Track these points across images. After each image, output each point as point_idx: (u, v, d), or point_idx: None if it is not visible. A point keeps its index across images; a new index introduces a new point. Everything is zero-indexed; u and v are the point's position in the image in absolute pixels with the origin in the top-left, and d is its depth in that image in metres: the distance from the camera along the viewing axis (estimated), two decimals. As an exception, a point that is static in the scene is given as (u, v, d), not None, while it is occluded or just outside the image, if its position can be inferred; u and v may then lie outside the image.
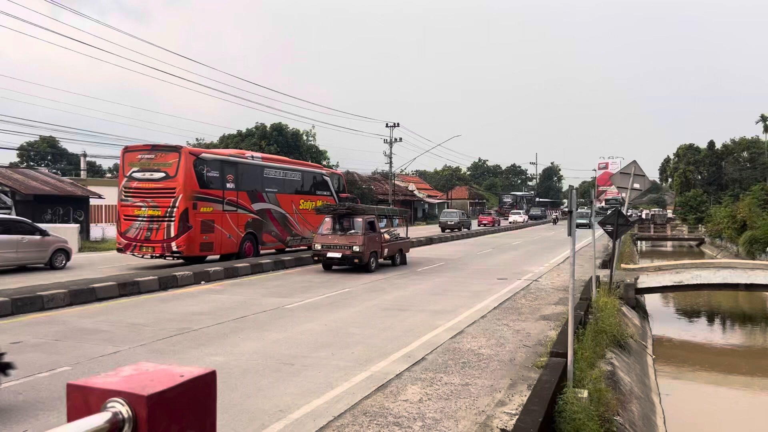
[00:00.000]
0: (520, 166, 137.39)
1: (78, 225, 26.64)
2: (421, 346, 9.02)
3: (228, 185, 19.60)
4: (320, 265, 19.26)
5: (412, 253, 26.29)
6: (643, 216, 76.25)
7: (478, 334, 9.98)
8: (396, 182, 61.80)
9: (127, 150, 18.91)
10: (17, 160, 62.18)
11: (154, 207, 17.89)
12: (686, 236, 60.79)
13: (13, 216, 21.66)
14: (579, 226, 45.79)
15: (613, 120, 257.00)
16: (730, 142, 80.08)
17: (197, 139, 71.23)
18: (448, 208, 71.41)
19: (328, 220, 19.45)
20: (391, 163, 54.76)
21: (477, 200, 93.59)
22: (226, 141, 51.55)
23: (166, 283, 14.70)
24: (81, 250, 25.09)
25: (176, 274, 15.37)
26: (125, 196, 18.40)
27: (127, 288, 13.67)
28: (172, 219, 17.72)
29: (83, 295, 12.58)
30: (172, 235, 17.69)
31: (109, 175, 68.59)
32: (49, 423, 5.68)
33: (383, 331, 10.09)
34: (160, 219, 17.81)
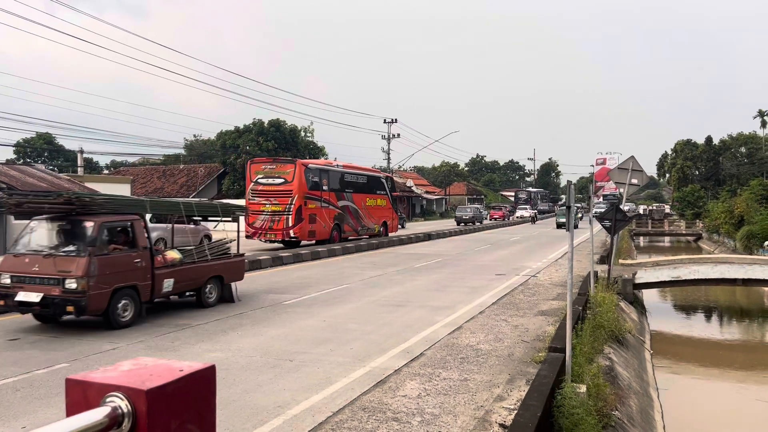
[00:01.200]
0: (518, 162, 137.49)
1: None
2: (420, 342, 9.02)
3: (324, 187, 24.93)
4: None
5: (410, 250, 26.30)
6: (641, 212, 76.20)
7: (476, 329, 9.99)
8: (394, 178, 61.75)
9: (252, 162, 25.02)
10: (14, 156, 62.06)
11: (275, 204, 23.26)
12: (684, 231, 60.83)
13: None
14: (559, 226, 41.50)
15: (611, 116, 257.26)
16: (727, 138, 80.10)
17: (195, 135, 71.22)
18: (445, 203, 74.03)
19: (33, 224, 10.06)
20: (389, 159, 54.79)
21: (475, 196, 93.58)
22: (224, 137, 51.37)
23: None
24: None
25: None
26: (252, 196, 23.80)
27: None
28: (290, 213, 23.12)
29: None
30: (290, 225, 23.11)
31: (106, 171, 68.49)
32: (47, 419, 5.67)
33: (382, 327, 10.09)
34: (281, 213, 23.21)
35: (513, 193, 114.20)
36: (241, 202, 40.20)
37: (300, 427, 5.61)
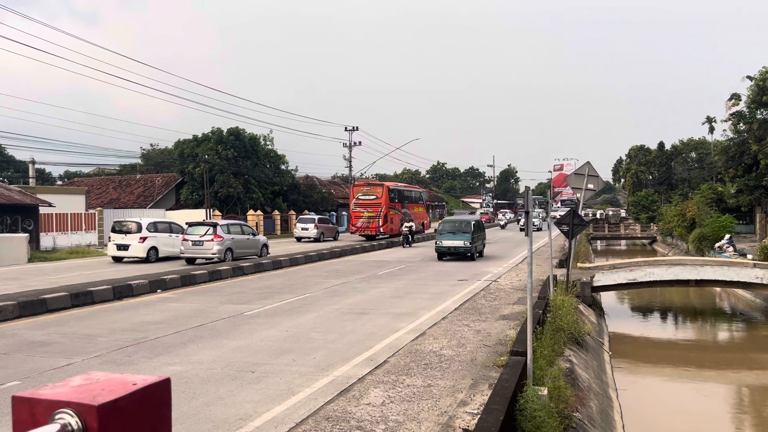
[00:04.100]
0: (478, 169, 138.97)
1: (27, 234, 25.73)
2: (384, 349, 9.02)
3: (395, 200, 38.28)
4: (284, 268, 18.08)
5: (373, 257, 26.26)
6: (598, 216, 77.91)
7: (439, 335, 10.04)
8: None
9: (354, 185, 40.63)
10: (-39, 168, 59.75)
11: (371, 211, 36.49)
12: (639, 235, 62.41)
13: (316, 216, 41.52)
14: (449, 252, 24.44)
15: (568, 123, 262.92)
16: (679, 143, 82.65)
17: (151, 145, 69.82)
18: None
19: None
20: (350, 166, 54.71)
21: (436, 203, 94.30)
22: (182, 146, 50.45)
23: (120, 293, 14.33)
24: (30, 260, 24.26)
25: (131, 283, 15.01)
26: (355, 207, 37.17)
27: (79, 298, 13.27)
28: (380, 218, 36.29)
29: (33, 306, 12.16)
30: (380, 224, 36.28)
31: (59, 182, 66.52)
32: (-2, 440, 5.46)
33: (345, 336, 10.05)
34: (374, 217, 36.41)
35: (474, 200, 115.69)
36: (205, 212, 39.95)
37: (263, 439, 5.53)
